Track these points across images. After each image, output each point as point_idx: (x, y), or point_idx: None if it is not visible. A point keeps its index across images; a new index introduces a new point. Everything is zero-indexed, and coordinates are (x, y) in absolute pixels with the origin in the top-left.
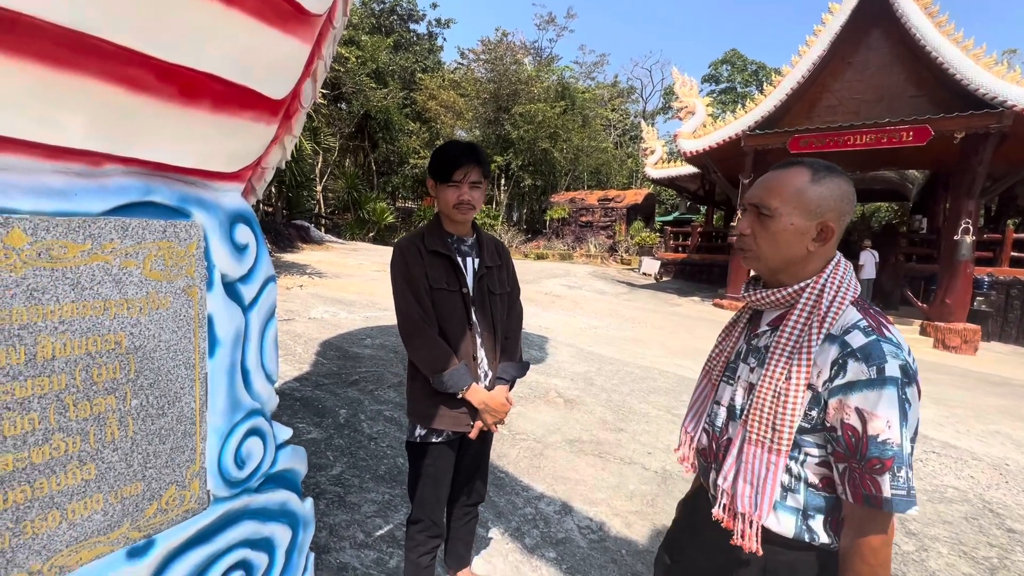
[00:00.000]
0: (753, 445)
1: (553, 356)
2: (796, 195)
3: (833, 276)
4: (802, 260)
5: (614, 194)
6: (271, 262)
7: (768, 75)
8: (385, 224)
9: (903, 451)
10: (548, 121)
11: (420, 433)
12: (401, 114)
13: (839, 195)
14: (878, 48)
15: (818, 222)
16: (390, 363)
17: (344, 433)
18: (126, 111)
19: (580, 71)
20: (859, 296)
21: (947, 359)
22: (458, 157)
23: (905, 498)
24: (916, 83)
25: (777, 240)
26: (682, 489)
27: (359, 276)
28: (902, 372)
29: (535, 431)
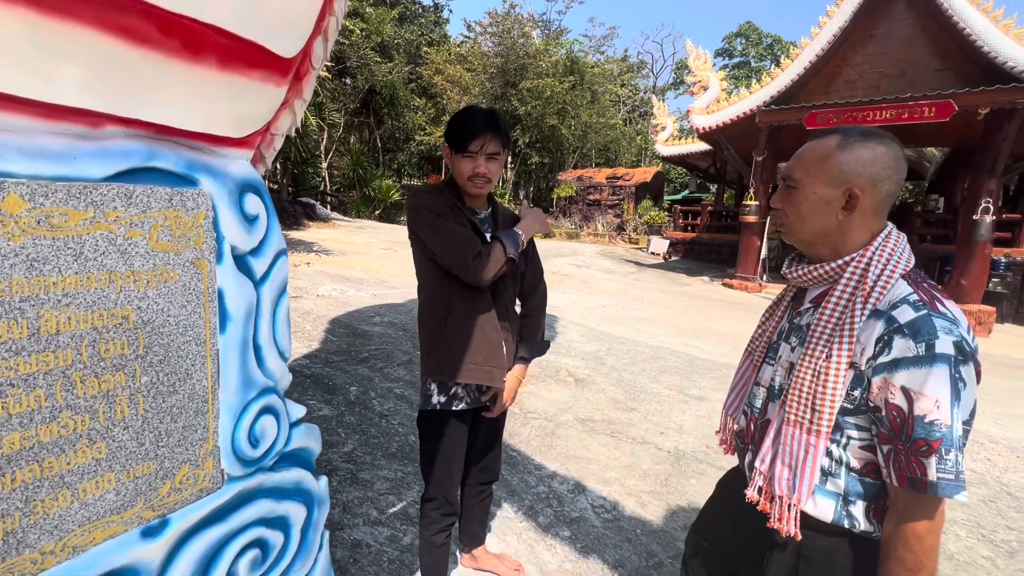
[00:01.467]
0: (792, 426)
1: (563, 335)
2: (819, 163)
3: (882, 249)
4: (837, 232)
5: (623, 172)
6: (282, 235)
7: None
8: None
9: (952, 432)
10: (556, 97)
11: (439, 400)
12: (406, 89)
13: (870, 159)
14: (902, 19)
15: (844, 189)
16: (399, 341)
17: (355, 410)
18: (126, 66)
19: (589, 45)
20: (913, 269)
21: None
22: (476, 126)
23: (953, 482)
24: (941, 56)
25: (802, 211)
26: (695, 470)
27: (366, 254)
28: (956, 349)
29: (546, 410)
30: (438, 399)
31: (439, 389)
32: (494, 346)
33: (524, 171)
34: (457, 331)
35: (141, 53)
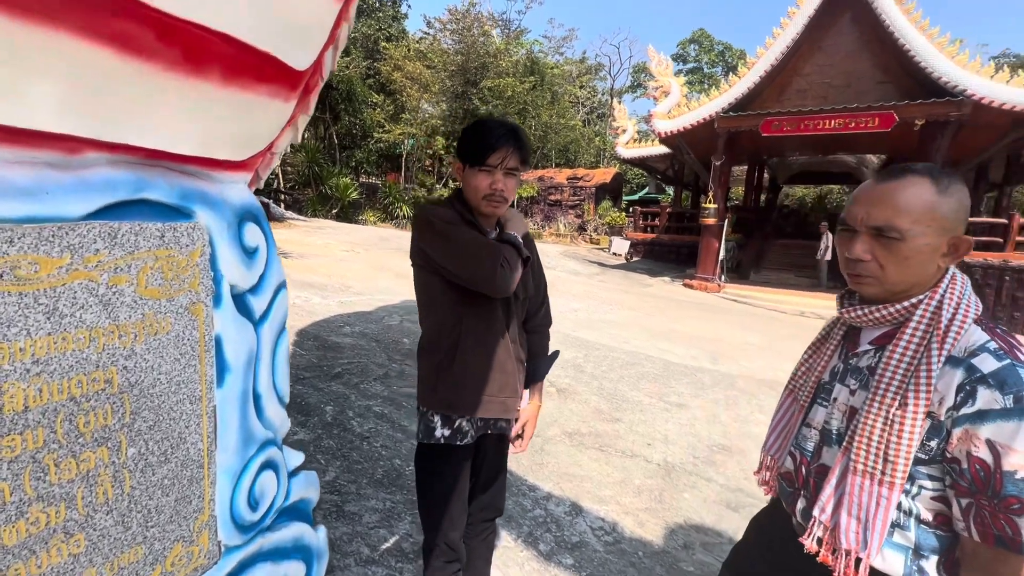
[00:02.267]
0: (859, 476)
1: None
2: (929, 212)
3: (951, 290)
4: (929, 277)
5: (583, 173)
6: (280, 263)
7: (735, 55)
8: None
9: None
10: (517, 97)
11: (443, 434)
12: (364, 85)
13: (966, 204)
14: (849, 33)
15: (951, 237)
16: (373, 353)
17: (333, 433)
18: (114, 81)
19: (549, 46)
20: (982, 314)
21: None
22: (497, 138)
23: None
24: (883, 69)
25: (910, 263)
26: (686, 483)
27: (327, 256)
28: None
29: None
30: (442, 432)
31: (443, 422)
32: (508, 375)
33: None
34: (469, 360)
35: (133, 66)
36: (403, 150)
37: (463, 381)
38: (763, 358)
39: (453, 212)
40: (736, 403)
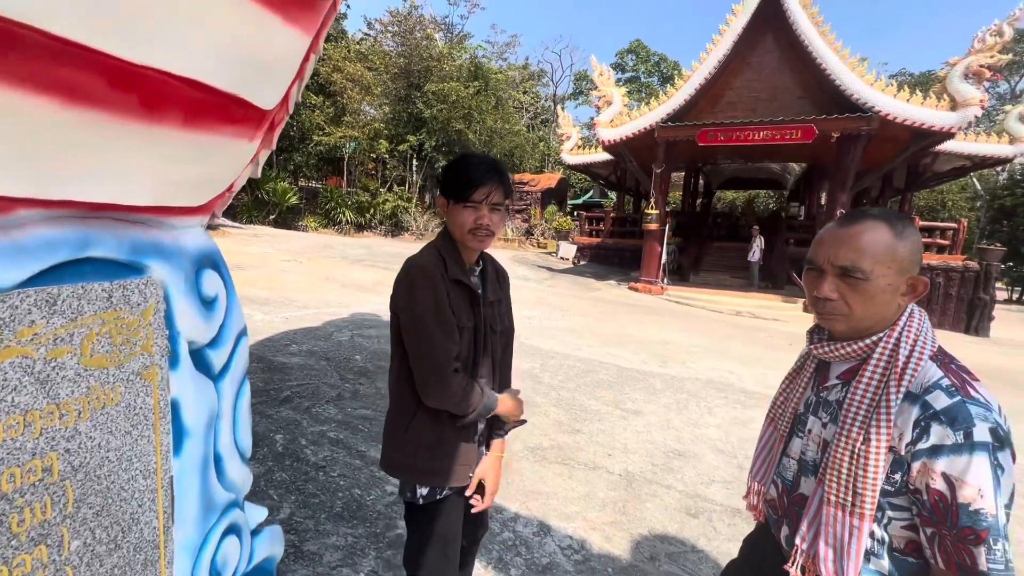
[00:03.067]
0: (833, 507)
1: None
2: (889, 254)
3: (908, 328)
4: (891, 315)
5: (528, 178)
6: (241, 307)
7: (669, 67)
8: (288, 206)
9: (998, 522)
10: (462, 101)
11: (422, 492)
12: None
13: (920, 247)
14: (772, 51)
15: (909, 277)
16: (323, 373)
17: (285, 464)
18: (55, 132)
19: (492, 51)
20: (939, 349)
21: None
22: (481, 173)
23: (1003, 572)
24: (802, 86)
25: (874, 302)
26: (648, 492)
27: (266, 267)
28: (992, 436)
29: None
30: (421, 492)
31: (422, 484)
32: (473, 445)
33: (431, 175)
34: (449, 431)
35: (81, 115)
36: (345, 153)
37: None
38: (707, 359)
39: (439, 278)
40: (687, 407)
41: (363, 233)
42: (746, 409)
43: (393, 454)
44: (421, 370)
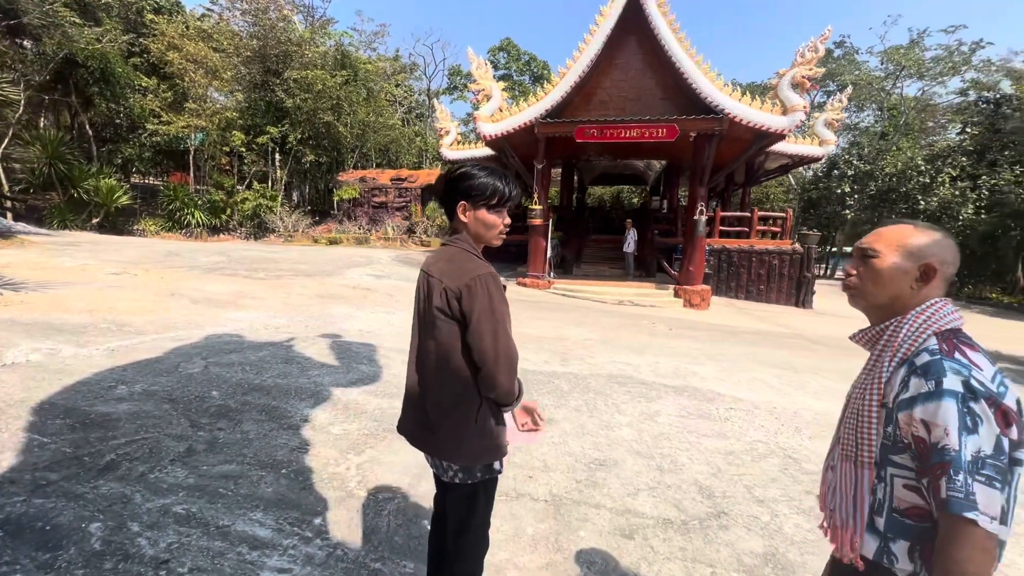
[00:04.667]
0: (844, 461)
1: (388, 370)
2: (901, 240)
3: (919, 314)
4: (910, 300)
5: (407, 174)
6: None
7: (539, 67)
8: (117, 207)
9: (960, 456)
10: (329, 91)
11: (498, 467)
12: (127, 65)
13: (941, 244)
14: (636, 53)
15: (920, 264)
16: (166, 421)
17: (105, 569)
18: None
19: (360, 40)
20: (952, 330)
21: (694, 315)
22: (514, 188)
23: (961, 500)
24: (663, 87)
25: (882, 280)
26: (578, 516)
27: (87, 283)
28: (964, 387)
29: (399, 482)
30: (498, 467)
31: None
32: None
33: (298, 170)
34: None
35: None
36: (190, 146)
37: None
38: (603, 352)
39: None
40: (596, 408)
41: (219, 236)
42: (649, 402)
43: (472, 443)
44: (499, 366)
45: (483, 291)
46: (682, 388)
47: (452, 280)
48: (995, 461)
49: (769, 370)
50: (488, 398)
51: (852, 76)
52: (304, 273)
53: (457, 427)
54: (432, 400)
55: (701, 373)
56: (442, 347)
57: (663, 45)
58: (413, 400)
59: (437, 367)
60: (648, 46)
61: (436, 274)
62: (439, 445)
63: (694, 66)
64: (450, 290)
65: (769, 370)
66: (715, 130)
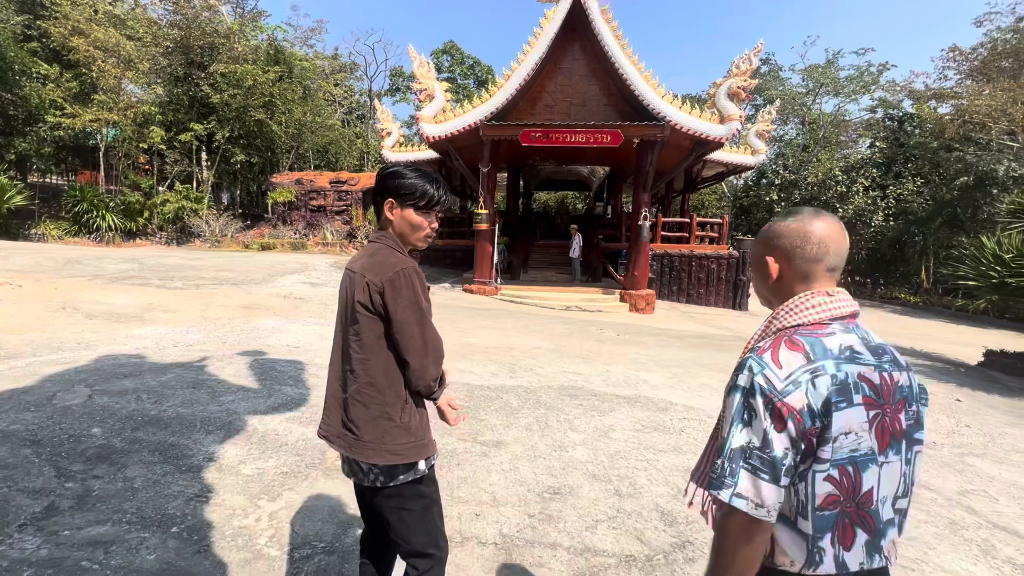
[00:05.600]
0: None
1: (317, 391)
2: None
3: (779, 310)
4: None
5: (347, 176)
6: None
7: (483, 71)
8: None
9: (727, 445)
10: (261, 87)
11: (428, 464)
12: (23, 50)
13: (779, 232)
14: (580, 59)
15: (763, 256)
16: (25, 470)
17: None
18: None
19: (296, 36)
20: (797, 324)
21: (640, 320)
22: (446, 193)
23: (714, 479)
24: (606, 94)
25: (752, 274)
26: (533, 560)
27: None
28: (749, 384)
29: (324, 532)
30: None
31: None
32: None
33: (227, 171)
34: (423, 410)
35: None
36: (100, 142)
37: (422, 424)
38: (553, 362)
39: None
40: (548, 425)
41: (135, 242)
42: (603, 416)
43: (396, 442)
44: (424, 358)
45: (407, 284)
46: (635, 398)
47: (374, 275)
48: (762, 453)
49: (715, 375)
50: (413, 392)
51: (777, 91)
52: (229, 281)
53: (379, 424)
54: (353, 398)
55: (651, 381)
56: (364, 343)
57: (607, 51)
58: (335, 400)
59: (359, 363)
60: (592, 52)
61: (358, 269)
62: (361, 445)
63: (637, 73)
64: (372, 284)
65: (715, 375)
66: (658, 137)
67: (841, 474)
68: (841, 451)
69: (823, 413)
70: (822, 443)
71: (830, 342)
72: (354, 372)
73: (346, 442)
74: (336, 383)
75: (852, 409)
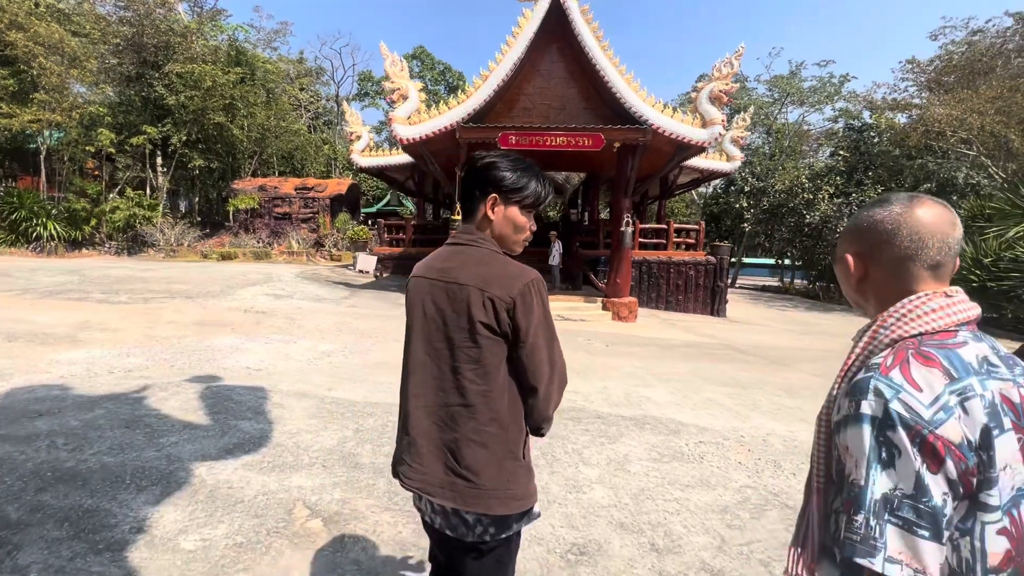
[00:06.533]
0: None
1: (282, 425)
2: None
3: (888, 317)
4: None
5: (314, 183)
6: None
7: (454, 77)
8: None
9: (865, 494)
10: (220, 89)
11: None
12: None
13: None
14: (559, 60)
15: (843, 255)
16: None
17: None
18: None
19: (258, 37)
20: (922, 333)
21: (625, 329)
22: (550, 193)
23: (856, 544)
24: (585, 97)
25: (837, 277)
26: None
27: None
28: (883, 412)
29: None
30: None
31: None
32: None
33: (185, 177)
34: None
35: None
36: (42, 144)
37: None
38: None
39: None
40: (555, 457)
41: (81, 252)
42: (613, 443)
43: (521, 486)
44: (551, 384)
45: (538, 299)
46: (642, 420)
47: (500, 288)
48: (916, 503)
49: (718, 389)
50: (532, 427)
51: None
52: (182, 294)
53: (504, 466)
54: (470, 438)
55: (654, 398)
56: (487, 371)
57: (587, 52)
58: (430, 442)
59: (479, 396)
60: (571, 54)
61: (470, 281)
62: (480, 494)
63: (618, 76)
64: (499, 300)
65: (718, 389)
66: (640, 141)
67: (1011, 523)
68: (1006, 492)
69: (984, 446)
70: (987, 485)
71: (966, 354)
72: (472, 407)
73: (456, 492)
74: (429, 421)
75: (1005, 436)
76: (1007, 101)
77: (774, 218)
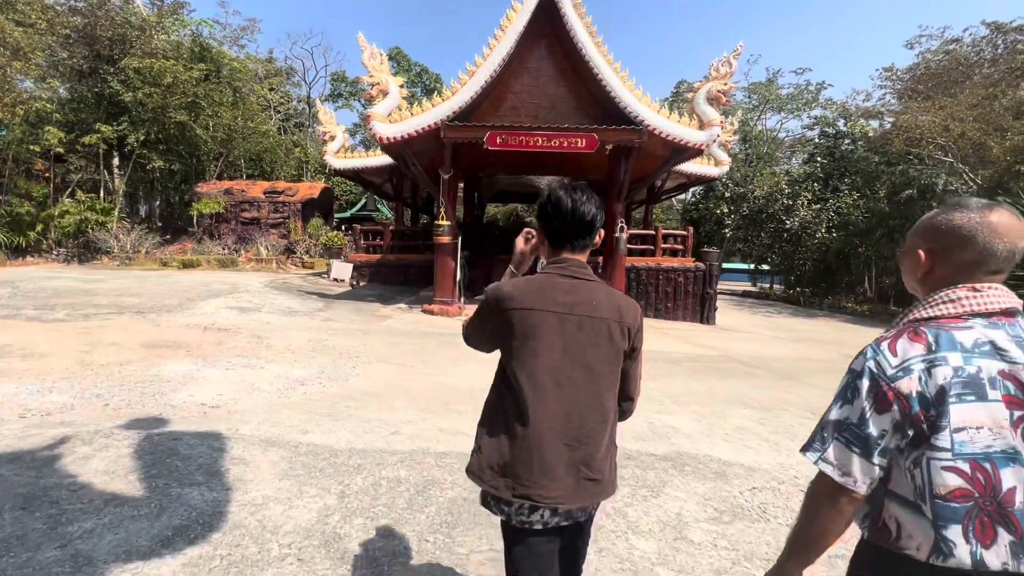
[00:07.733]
0: None
1: (245, 492)
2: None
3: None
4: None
5: (284, 186)
6: None
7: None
8: None
9: (828, 416)
10: (183, 86)
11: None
12: None
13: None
14: (548, 58)
15: (915, 249)
16: None
17: None
18: None
19: (224, 34)
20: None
21: None
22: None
23: (806, 443)
24: (575, 96)
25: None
26: None
27: None
28: (859, 367)
29: None
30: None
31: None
32: None
33: (143, 179)
34: None
35: None
36: None
37: None
38: None
39: None
40: (600, 525)
41: (24, 260)
42: (656, 496)
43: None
44: (639, 394)
45: (641, 314)
46: (678, 460)
47: (630, 318)
48: (856, 429)
49: (743, 412)
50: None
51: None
52: (132, 309)
53: (614, 458)
54: (602, 447)
55: (681, 428)
56: (615, 388)
57: (580, 49)
58: (560, 460)
59: (611, 410)
60: (562, 50)
61: (608, 314)
62: (602, 488)
63: (613, 73)
64: (631, 329)
65: (743, 412)
66: (635, 142)
67: (973, 469)
68: (970, 445)
69: (936, 402)
70: (936, 431)
71: (962, 336)
72: (607, 421)
73: (587, 494)
74: (560, 444)
75: (983, 404)
76: (985, 109)
77: (754, 223)
